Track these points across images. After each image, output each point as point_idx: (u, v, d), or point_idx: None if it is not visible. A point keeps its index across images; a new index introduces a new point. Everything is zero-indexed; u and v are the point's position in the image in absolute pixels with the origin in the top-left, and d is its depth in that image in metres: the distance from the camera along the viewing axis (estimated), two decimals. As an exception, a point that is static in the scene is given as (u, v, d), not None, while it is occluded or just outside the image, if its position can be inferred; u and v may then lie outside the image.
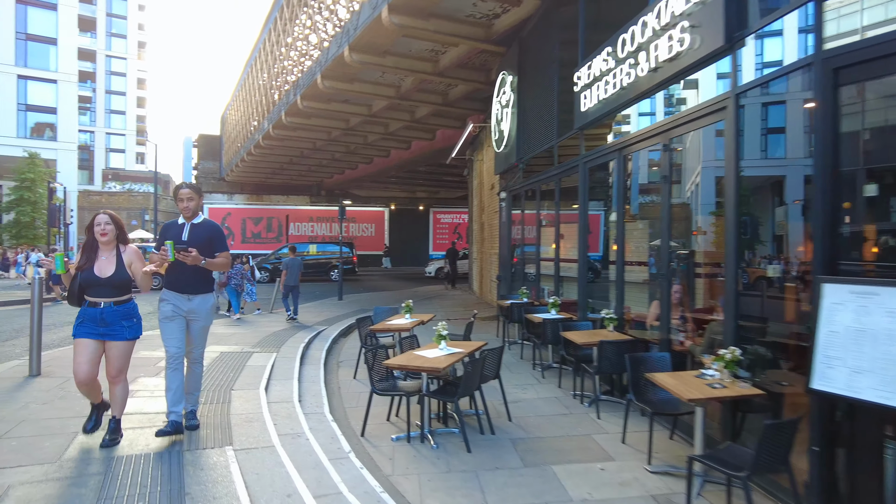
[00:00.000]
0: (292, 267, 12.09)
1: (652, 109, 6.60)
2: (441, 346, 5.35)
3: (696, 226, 6.96)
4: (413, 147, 22.99)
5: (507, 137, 10.77)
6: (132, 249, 4.31)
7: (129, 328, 4.18)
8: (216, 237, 4.58)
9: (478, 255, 16.82)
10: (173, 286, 4.43)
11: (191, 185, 4.58)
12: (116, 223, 4.26)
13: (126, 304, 4.20)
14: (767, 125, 4.66)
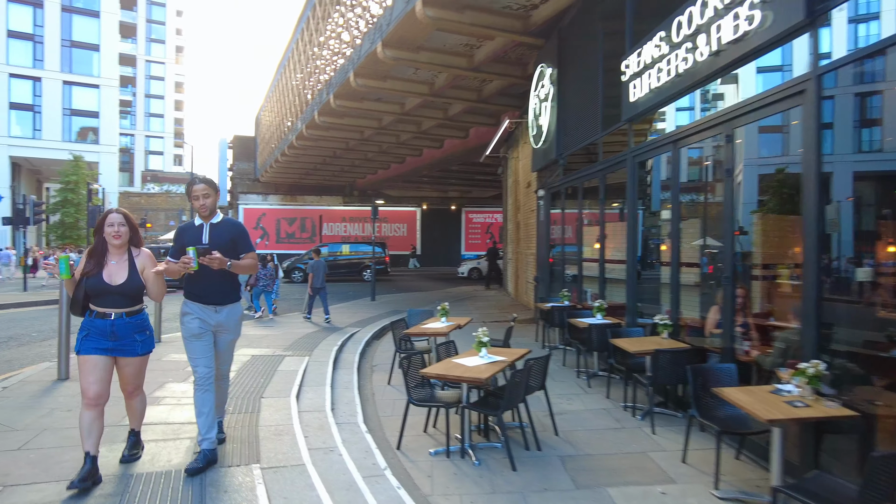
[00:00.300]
0: (317, 269, 12.14)
1: (709, 99, 6.10)
2: (482, 353, 4.99)
3: (738, 225, 6.55)
4: (446, 146, 22.67)
5: (546, 133, 10.33)
6: (146, 253, 3.81)
7: (143, 342, 3.75)
8: (240, 237, 4.07)
9: (513, 256, 16.38)
10: (198, 297, 3.91)
11: (205, 179, 4.03)
12: (131, 224, 3.74)
13: (139, 316, 3.74)
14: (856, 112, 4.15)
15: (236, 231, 4.08)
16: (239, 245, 4.04)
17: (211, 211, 4.01)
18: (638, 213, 6.93)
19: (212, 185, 4.02)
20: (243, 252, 4.05)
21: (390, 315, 13.05)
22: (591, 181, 8.56)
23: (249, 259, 4.07)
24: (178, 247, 3.91)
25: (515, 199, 15.85)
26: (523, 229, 14.59)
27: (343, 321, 11.78)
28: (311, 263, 12.35)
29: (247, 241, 4.13)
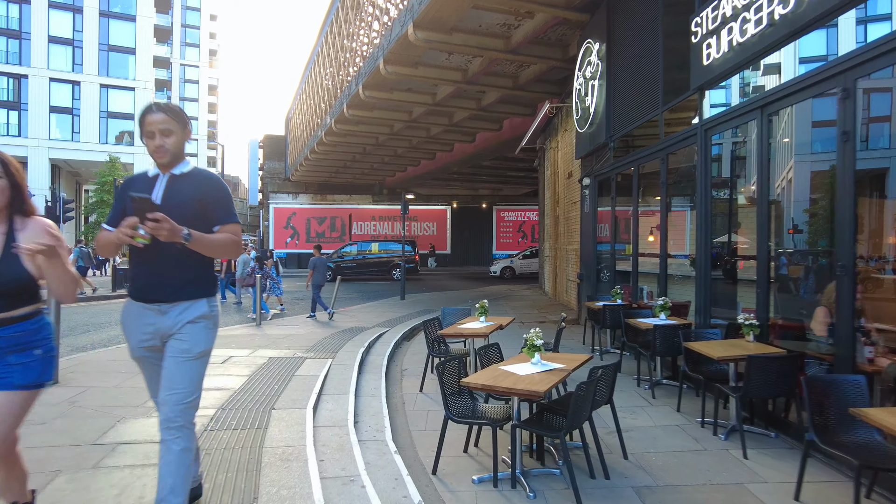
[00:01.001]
0: (319, 266, 11.82)
1: (803, 53, 5.09)
2: (534, 359, 4.12)
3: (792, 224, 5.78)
4: (478, 139, 21.80)
5: (594, 114, 9.37)
6: (40, 225, 2.38)
7: (23, 368, 2.28)
8: (214, 199, 2.61)
9: (551, 252, 15.40)
10: (138, 291, 2.60)
11: (166, 106, 2.57)
12: (11, 177, 2.32)
13: (19, 327, 2.29)
14: None
15: (209, 188, 2.61)
16: (211, 210, 2.58)
17: (173, 156, 2.57)
18: (711, 197, 5.93)
19: (176, 117, 2.57)
20: (218, 222, 2.59)
21: (421, 315, 12.26)
22: (650, 163, 7.58)
23: (225, 235, 2.58)
24: (119, 209, 2.59)
25: (554, 191, 14.87)
26: (563, 223, 13.61)
27: (371, 321, 11.04)
28: (313, 260, 12.05)
29: (225, 206, 2.63)
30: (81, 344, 8.46)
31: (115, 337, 9.29)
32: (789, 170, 5.54)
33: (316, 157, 26.78)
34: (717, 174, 6.90)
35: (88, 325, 10.83)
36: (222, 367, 6.02)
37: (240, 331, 9.36)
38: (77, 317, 12.09)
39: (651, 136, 8.58)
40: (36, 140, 41.15)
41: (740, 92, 6.16)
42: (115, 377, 5.56)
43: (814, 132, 5.40)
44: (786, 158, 5.35)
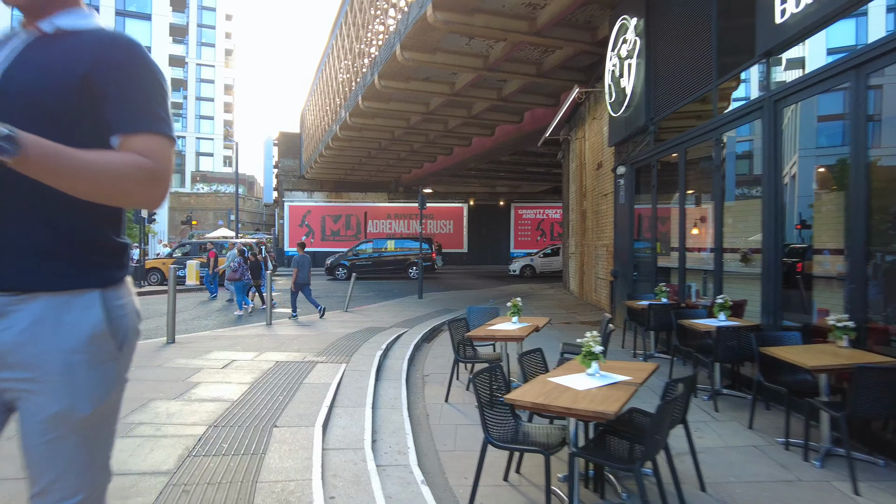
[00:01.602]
0: (303, 264, 11.37)
1: None
2: (591, 369, 3.37)
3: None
4: (497, 133, 21.04)
5: (631, 96, 8.58)
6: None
7: None
8: (116, 81, 1.28)
9: (577, 249, 14.59)
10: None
11: None
12: None
13: None
14: None
15: (109, 60, 1.29)
16: (109, 103, 1.29)
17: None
18: (781, 180, 5.12)
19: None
20: (120, 128, 1.29)
21: (440, 314, 11.55)
22: (700, 146, 6.78)
23: (124, 157, 1.25)
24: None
25: (580, 184, 14.06)
26: (592, 218, 12.80)
27: (388, 321, 10.35)
28: (296, 258, 11.50)
29: (136, 98, 1.30)
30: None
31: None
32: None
33: (331, 153, 26.21)
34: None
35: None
36: (222, 372, 5.36)
37: (248, 331, 8.73)
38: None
39: (692, 117, 7.79)
40: (53, 139, 41.12)
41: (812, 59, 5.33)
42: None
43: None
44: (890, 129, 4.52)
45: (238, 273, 12.29)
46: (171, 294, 6.89)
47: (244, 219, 50.69)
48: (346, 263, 24.64)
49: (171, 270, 6.89)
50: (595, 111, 12.56)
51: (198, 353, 6.28)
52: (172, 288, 6.88)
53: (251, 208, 56.44)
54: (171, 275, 6.86)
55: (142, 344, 7.17)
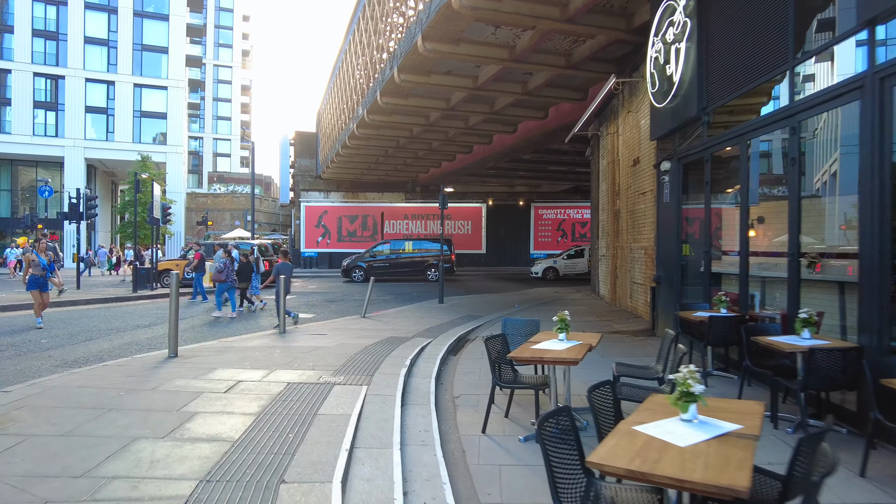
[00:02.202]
0: (284, 272, 10.62)
1: None
2: (687, 413, 2.60)
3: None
4: (520, 130, 20.22)
5: (680, 83, 7.74)
6: None
7: None
8: None
9: (608, 251, 13.73)
10: None
11: None
12: None
13: None
14: None
15: None
16: None
17: None
18: (889, 172, 4.28)
19: None
20: None
21: (464, 321, 10.80)
22: (769, 136, 5.94)
23: None
24: None
25: (613, 182, 13.20)
26: (626, 218, 11.94)
27: (409, 329, 9.62)
28: (278, 266, 10.83)
29: None
30: (73, 357, 7.26)
31: (118, 347, 8.09)
32: None
33: (348, 151, 25.60)
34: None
35: (94, 331, 9.71)
36: (224, 398, 4.66)
37: (258, 341, 8.05)
38: (86, 321, 11.04)
39: (746, 110, 6.95)
40: (72, 140, 41.29)
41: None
42: (73, 417, 4.17)
43: None
44: None
45: (223, 274, 11.96)
46: (174, 301, 6.23)
47: (260, 219, 50.46)
48: (362, 265, 24.02)
49: (174, 276, 6.23)
50: (630, 104, 11.72)
51: (200, 370, 5.60)
52: (175, 294, 6.21)
53: (268, 209, 56.24)
54: (174, 281, 6.19)
55: (143, 358, 6.52)
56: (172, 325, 6.30)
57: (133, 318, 11.68)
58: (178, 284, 6.24)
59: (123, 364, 5.97)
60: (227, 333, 9.67)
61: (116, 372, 5.55)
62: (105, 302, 14.50)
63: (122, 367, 5.82)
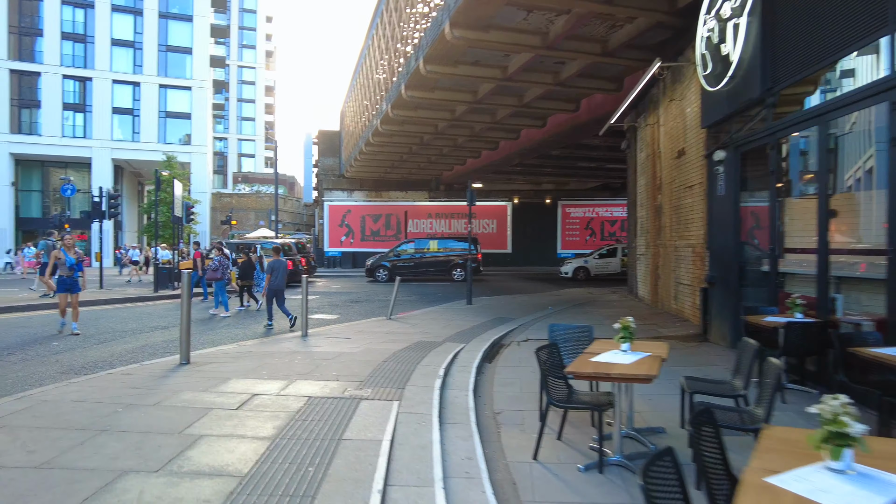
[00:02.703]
0: (278, 269, 10.55)
1: None
2: (840, 462, 1.92)
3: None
4: (549, 124, 19.46)
5: (739, 62, 6.96)
6: None
7: None
8: None
9: (647, 250, 12.93)
10: None
11: None
12: None
13: None
14: None
15: None
16: None
17: None
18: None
19: None
20: None
21: (496, 324, 10.14)
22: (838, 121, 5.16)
23: None
24: None
25: (653, 176, 12.40)
26: (670, 214, 11.14)
27: (438, 332, 9.00)
28: (271, 262, 10.64)
29: None
30: (81, 362, 6.80)
31: (130, 351, 7.63)
32: None
33: (371, 149, 25.11)
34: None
35: (109, 333, 9.30)
36: (235, 417, 4.06)
37: (279, 346, 7.51)
38: (103, 321, 10.67)
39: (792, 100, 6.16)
40: (99, 141, 41.73)
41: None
42: (57, 443, 3.56)
43: None
44: None
45: (219, 272, 11.92)
46: (185, 303, 5.70)
47: (284, 219, 50.47)
48: (386, 264, 23.50)
49: (185, 276, 5.71)
50: (673, 91, 10.91)
51: (212, 381, 5.06)
52: (186, 295, 5.69)
53: (291, 209, 56.30)
54: (185, 281, 5.67)
55: (151, 365, 6.00)
56: (184, 329, 5.78)
57: (151, 318, 11.29)
58: (191, 285, 5.73)
59: (129, 372, 5.46)
60: (246, 336, 9.17)
61: (119, 382, 5.04)
62: (125, 302, 14.21)
63: (126, 375, 5.31)
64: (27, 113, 41.60)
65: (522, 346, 7.94)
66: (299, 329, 8.82)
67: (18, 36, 41.83)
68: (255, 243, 20.98)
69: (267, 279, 10.60)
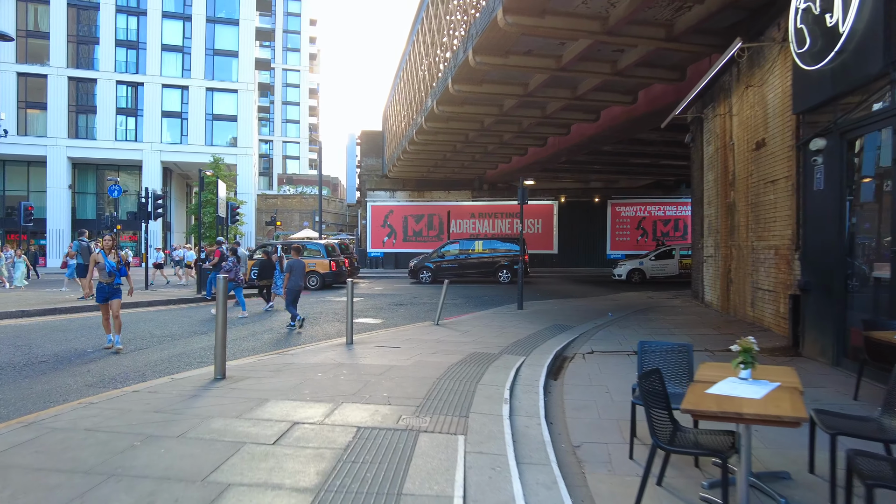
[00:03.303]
0: (296, 269, 10.37)
1: None
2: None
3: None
4: (603, 118, 18.44)
5: (852, 33, 5.97)
6: None
7: None
8: None
9: (717, 252, 11.83)
10: None
11: None
12: None
13: None
14: None
15: None
16: None
17: None
18: None
19: None
20: None
21: (553, 332, 9.35)
22: None
23: None
24: None
25: (724, 171, 11.31)
26: (745, 212, 10.06)
27: (492, 342, 8.27)
28: (290, 262, 10.49)
29: None
30: (113, 372, 6.39)
31: (166, 360, 7.21)
32: None
33: (415, 148, 24.60)
34: None
35: (147, 338, 8.97)
36: (271, 458, 3.38)
37: (322, 356, 6.94)
38: (143, 325, 10.41)
39: None
40: (150, 144, 42.83)
41: None
42: (52, 495, 2.90)
43: None
44: None
45: (232, 273, 11.83)
46: (221, 311, 5.16)
47: (328, 220, 50.73)
48: (430, 266, 22.90)
49: (220, 282, 5.17)
50: (751, 77, 9.85)
51: (248, 403, 4.45)
52: (222, 303, 5.15)
53: (335, 209, 56.62)
54: (221, 287, 5.13)
55: (183, 380, 5.47)
56: (219, 340, 5.24)
57: (192, 322, 10.98)
58: (226, 291, 5.20)
59: (156, 390, 4.92)
60: (288, 343, 8.68)
61: (144, 403, 4.50)
62: (168, 304, 14.05)
63: (153, 394, 4.78)
64: (84, 118, 43.08)
65: (589, 360, 7.14)
66: (343, 335, 8.27)
67: (77, 45, 43.38)
68: (292, 244, 20.71)
69: (285, 279, 10.37)
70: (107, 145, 42.10)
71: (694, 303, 13.36)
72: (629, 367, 6.56)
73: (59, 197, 41.02)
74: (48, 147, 40.96)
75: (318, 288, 19.33)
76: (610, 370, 6.54)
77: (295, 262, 10.44)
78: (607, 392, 5.60)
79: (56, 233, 40.51)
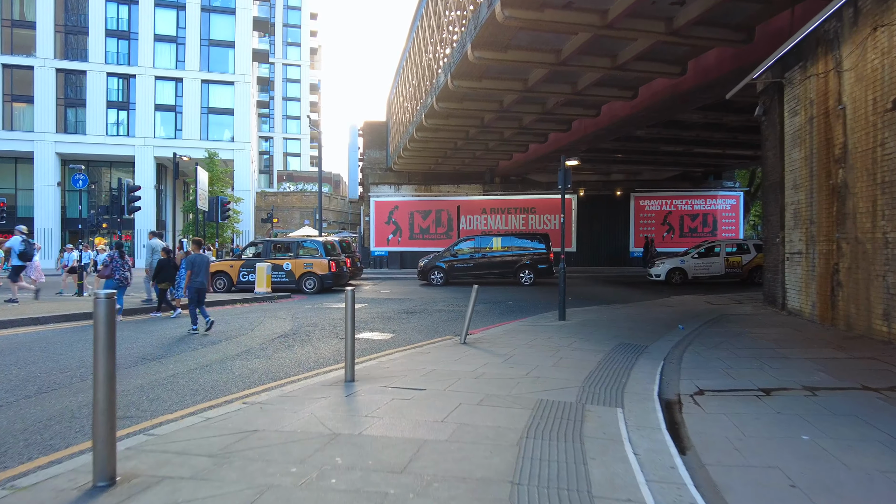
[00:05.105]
0: (199, 265, 9.54)
1: None
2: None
3: None
4: (641, 95, 16.02)
5: None
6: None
7: None
8: None
9: (812, 246, 9.42)
10: None
11: None
12: None
13: None
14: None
15: None
16: None
17: None
18: None
19: None
20: None
21: (625, 355, 6.99)
22: None
23: None
24: None
25: (826, 145, 8.89)
26: (871, 194, 7.65)
27: (556, 377, 5.90)
28: (193, 257, 9.62)
29: None
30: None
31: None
32: None
33: (423, 135, 22.21)
34: None
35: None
36: None
37: (304, 414, 4.57)
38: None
39: None
40: (142, 139, 40.72)
41: None
42: None
43: None
44: None
45: (108, 270, 10.63)
46: (104, 356, 2.85)
47: (329, 217, 48.44)
48: (442, 265, 20.52)
49: (100, 303, 2.82)
50: (880, 16, 7.42)
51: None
52: (105, 337, 2.84)
53: (336, 207, 54.37)
54: (101, 310, 2.75)
55: (28, 489, 3.11)
56: (101, 411, 2.86)
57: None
58: (112, 312, 2.84)
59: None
60: (248, 378, 6.32)
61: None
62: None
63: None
64: (73, 112, 40.93)
65: (708, 408, 4.76)
66: (341, 360, 5.92)
67: (65, 35, 41.19)
68: (291, 241, 18.51)
69: (187, 277, 9.35)
70: (97, 140, 39.96)
71: (771, 310, 10.94)
72: (785, 423, 4.21)
73: (48, 194, 38.89)
74: (35, 142, 38.83)
75: (316, 292, 16.98)
76: (757, 430, 4.16)
77: (196, 256, 9.57)
78: (793, 486, 3.23)
79: (44, 232, 38.35)
